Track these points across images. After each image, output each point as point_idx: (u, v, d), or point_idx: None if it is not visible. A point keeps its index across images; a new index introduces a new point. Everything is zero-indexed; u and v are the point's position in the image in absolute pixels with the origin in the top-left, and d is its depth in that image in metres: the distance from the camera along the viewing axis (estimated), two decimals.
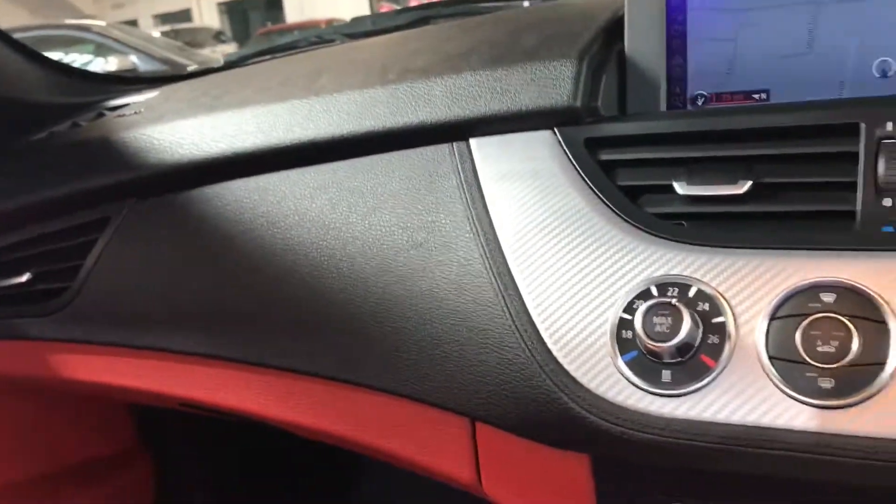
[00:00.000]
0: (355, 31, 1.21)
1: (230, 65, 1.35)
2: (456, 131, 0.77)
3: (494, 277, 0.69)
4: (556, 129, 0.73)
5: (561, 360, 0.64)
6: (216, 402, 0.91)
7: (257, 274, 0.84)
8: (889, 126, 0.61)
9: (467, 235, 0.72)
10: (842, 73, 0.70)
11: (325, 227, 0.81)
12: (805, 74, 0.72)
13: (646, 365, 0.61)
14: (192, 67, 1.70)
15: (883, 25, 0.68)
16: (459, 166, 0.76)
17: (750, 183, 0.65)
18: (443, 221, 0.75)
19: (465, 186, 0.75)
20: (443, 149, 0.78)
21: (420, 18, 1.23)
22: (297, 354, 0.81)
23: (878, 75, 0.69)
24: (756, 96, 0.73)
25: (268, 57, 1.31)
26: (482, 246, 0.71)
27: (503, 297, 0.68)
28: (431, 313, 0.72)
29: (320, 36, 1.25)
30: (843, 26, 0.70)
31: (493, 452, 0.73)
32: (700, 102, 0.76)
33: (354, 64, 0.94)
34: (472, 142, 0.77)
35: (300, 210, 0.83)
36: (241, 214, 0.87)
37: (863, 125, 0.62)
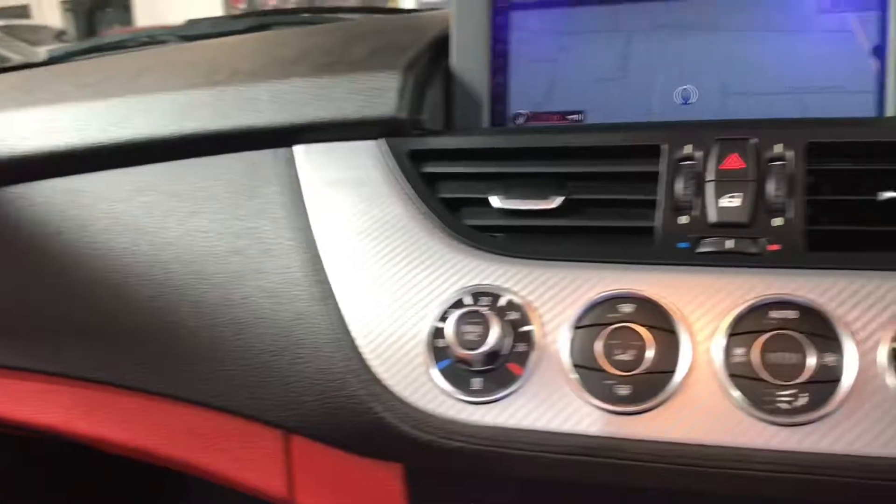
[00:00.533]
0: (190, 33, 1.18)
1: (53, 60, 1.28)
2: (281, 137, 0.76)
3: (313, 286, 0.69)
4: (381, 140, 0.74)
5: (375, 369, 0.64)
6: (15, 416, 0.85)
7: (63, 280, 0.79)
8: (687, 149, 0.65)
9: (288, 243, 0.71)
10: (650, 99, 0.75)
11: (140, 232, 0.77)
12: (617, 98, 0.76)
13: (458, 373, 0.62)
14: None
15: (686, 56, 0.74)
16: (283, 172, 0.75)
17: (562, 198, 0.67)
18: (263, 228, 0.73)
19: (287, 193, 0.74)
20: (267, 154, 0.77)
21: (259, 25, 1.21)
22: (105, 365, 0.77)
23: (680, 102, 0.74)
24: (571, 117, 0.77)
25: (95, 54, 1.25)
26: (302, 254, 0.70)
27: (320, 306, 0.68)
28: (247, 322, 0.71)
29: (152, 36, 1.20)
30: (651, 55, 0.74)
31: (307, 465, 0.72)
32: (520, 121, 0.78)
33: (181, 64, 0.92)
34: (297, 148, 0.76)
35: (114, 213, 0.79)
36: (49, 217, 0.82)
37: (664, 147, 0.66)
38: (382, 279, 0.67)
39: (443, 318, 0.63)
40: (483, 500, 0.65)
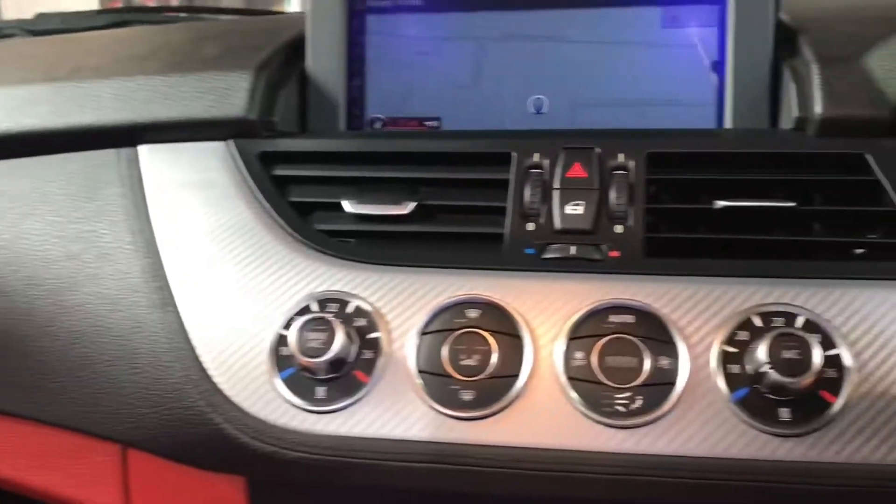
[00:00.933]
0: (39, 27, 1.12)
1: None
2: (124, 136, 0.73)
3: (152, 292, 0.66)
4: (230, 141, 0.72)
5: (216, 379, 0.62)
6: None
7: None
8: (535, 157, 0.66)
9: (127, 247, 0.68)
10: (504, 107, 0.76)
11: None
12: (473, 106, 0.76)
13: (302, 382, 0.61)
14: None
15: (538, 66, 0.75)
16: (126, 173, 0.72)
17: (414, 204, 0.67)
18: (102, 231, 0.70)
19: (129, 195, 0.71)
20: (109, 154, 0.73)
21: (117, 22, 1.16)
22: None
23: (533, 111, 0.75)
24: (429, 123, 0.77)
25: None
26: (142, 259, 0.67)
27: (160, 313, 0.65)
28: (82, 331, 0.67)
29: None
30: (504, 64, 0.75)
31: (145, 480, 0.69)
32: (377, 125, 0.78)
33: (22, 58, 0.86)
34: (142, 148, 0.73)
35: None
36: None
37: (514, 155, 0.67)
38: (226, 286, 0.65)
39: (287, 326, 0.61)
40: None
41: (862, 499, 0.54)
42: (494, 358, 0.59)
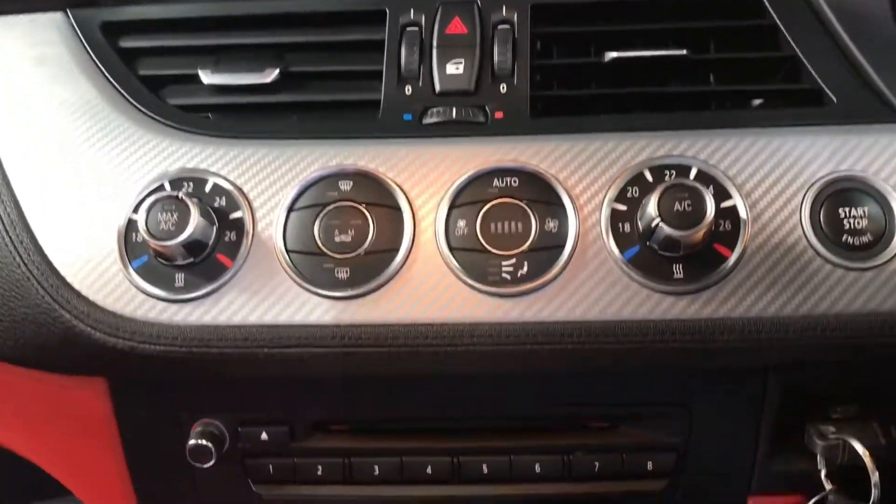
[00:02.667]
0: None
1: None
2: None
3: None
4: (68, 11, 0.64)
5: (64, 273, 0.56)
6: None
7: None
8: (411, 13, 0.61)
9: None
10: None
11: None
12: None
13: (157, 270, 0.55)
14: None
15: None
16: None
17: (277, 71, 0.61)
18: None
19: None
20: None
21: None
22: None
23: None
24: None
25: None
26: None
27: None
28: None
29: None
30: None
31: None
32: None
33: None
34: None
35: None
36: None
37: (388, 11, 0.61)
38: (70, 169, 0.58)
39: (137, 209, 0.56)
40: (201, 409, 0.60)
41: (756, 353, 0.53)
42: (371, 232, 0.55)
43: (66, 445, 0.63)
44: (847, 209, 0.53)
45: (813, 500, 0.58)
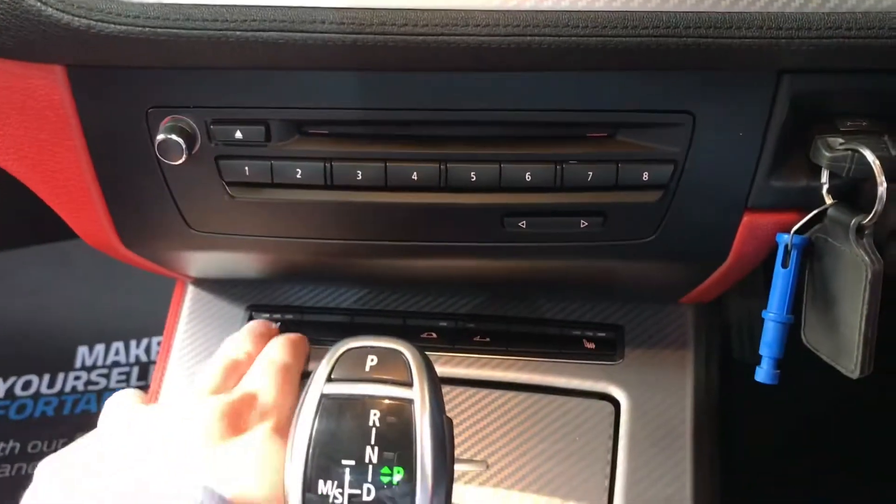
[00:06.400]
0: None
1: None
2: None
3: None
4: None
5: None
6: None
7: None
8: None
9: None
10: None
11: None
12: None
13: None
14: None
15: None
16: None
17: None
18: None
19: None
20: None
21: None
22: None
23: None
24: None
25: None
26: None
27: None
28: None
29: None
30: None
31: None
32: None
33: None
34: None
35: None
36: None
37: None
38: None
39: None
40: (160, 101, 0.57)
41: (774, 53, 0.50)
42: None
43: (32, 147, 0.61)
44: None
45: (812, 213, 0.58)
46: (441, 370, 0.75)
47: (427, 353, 0.51)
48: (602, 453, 0.73)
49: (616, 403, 0.75)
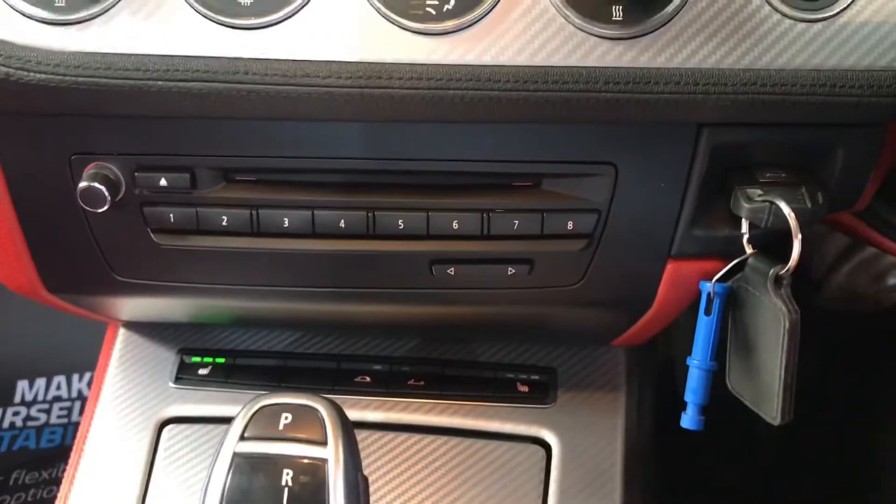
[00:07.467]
0: None
1: None
2: None
3: None
4: None
5: None
6: None
7: None
8: None
9: None
10: None
11: None
12: None
13: None
14: None
15: None
16: None
17: None
18: None
19: None
20: None
21: None
22: None
23: None
24: None
25: None
26: None
27: None
28: None
29: None
30: None
31: None
32: None
33: None
34: None
35: None
36: None
37: None
38: None
39: None
40: (88, 151, 0.56)
41: (692, 107, 0.52)
42: None
43: None
44: None
45: (732, 263, 0.60)
46: (374, 416, 0.76)
47: (361, 397, 0.51)
48: (533, 498, 0.73)
49: (548, 447, 0.75)
